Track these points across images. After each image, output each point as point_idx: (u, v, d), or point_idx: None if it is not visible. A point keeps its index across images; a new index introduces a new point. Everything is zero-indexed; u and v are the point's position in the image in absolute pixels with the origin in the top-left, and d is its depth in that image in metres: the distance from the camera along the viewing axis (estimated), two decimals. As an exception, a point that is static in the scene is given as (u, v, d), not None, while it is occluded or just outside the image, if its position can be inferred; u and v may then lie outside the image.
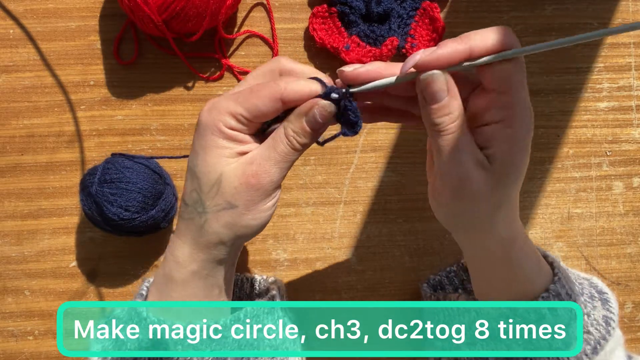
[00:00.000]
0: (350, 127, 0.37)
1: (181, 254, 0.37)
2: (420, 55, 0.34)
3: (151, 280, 0.43)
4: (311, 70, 0.37)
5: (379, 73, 0.36)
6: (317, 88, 0.36)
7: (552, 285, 0.39)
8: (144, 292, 0.42)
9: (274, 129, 0.37)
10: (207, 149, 0.36)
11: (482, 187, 0.35)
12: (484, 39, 0.34)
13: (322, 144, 0.38)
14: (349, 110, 0.36)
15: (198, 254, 0.37)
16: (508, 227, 0.38)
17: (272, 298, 0.46)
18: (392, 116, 0.40)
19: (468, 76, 0.37)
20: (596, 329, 0.40)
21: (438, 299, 0.48)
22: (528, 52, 0.33)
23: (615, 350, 0.41)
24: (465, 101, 0.36)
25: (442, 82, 0.34)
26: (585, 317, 0.40)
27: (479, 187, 0.35)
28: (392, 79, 0.36)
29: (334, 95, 0.36)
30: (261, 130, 0.38)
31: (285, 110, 0.36)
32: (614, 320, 0.41)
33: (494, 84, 0.35)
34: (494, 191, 0.35)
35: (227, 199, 0.36)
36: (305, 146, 0.37)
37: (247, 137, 0.36)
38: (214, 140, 0.36)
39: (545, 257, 0.42)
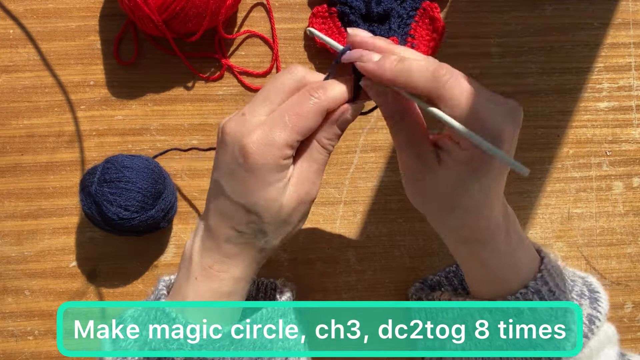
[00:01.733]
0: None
1: (237, 272, 0.38)
2: (358, 55, 0.36)
3: (165, 279, 0.43)
4: (340, 85, 0.38)
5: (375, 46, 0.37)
6: (346, 89, 0.37)
7: (532, 282, 0.39)
8: (165, 292, 0.41)
9: None
10: (268, 186, 0.36)
11: (427, 186, 0.37)
12: (409, 72, 0.34)
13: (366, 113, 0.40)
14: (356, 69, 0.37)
15: (252, 269, 0.39)
16: (467, 227, 0.38)
17: (289, 299, 0.46)
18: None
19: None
20: None
21: (420, 299, 0.49)
22: (506, 163, 0.33)
23: (604, 348, 0.41)
24: None
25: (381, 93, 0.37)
26: None
27: (424, 186, 0.38)
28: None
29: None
30: None
31: None
32: (599, 320, 0.41)
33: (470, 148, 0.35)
34: (444, 190, 0.37)
35: (286, 220, 0.37)
36: (334, 147, 0.39)
37: (291, 159, 0.37)
38: (275, 176, 0.36)
39: (539, 251, 0.41)
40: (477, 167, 0.35)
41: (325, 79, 0.38)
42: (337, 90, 0.37)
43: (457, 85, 0.33)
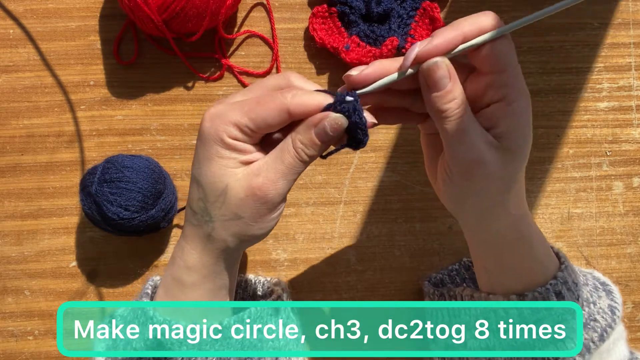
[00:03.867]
0: (357, 144, 0.36)
1: (191, 258, 0.38)
2: (418, 48, 0.35)
3: (155, 279, 0.44)
4: (321, 96, 0.37)
5: (385, 70, 0.36)
6: (324, 100, 0.36)
7: (560, 273, 0.39)
8: (149, 292, 0.42)
9: (278, 137, 0.37)
10: (211, 159, 0.36)
11: (495, 166, 0.36)
12: (474, 22, 0.35)
13: (324, 157, 0.38)
14: (358, 127, 0.36)
15: (207, 259, 0.38)
16: (519, 205, 0.38)
17: (279, 299, 0.46)
18: (391, 117, 0.40)
19: (462, 63, 0.37)
20: (602, 317, 0.40)
21: (442, 295, 0.48)
22: (521, 25, 0.34)
23: (618, 341, 0.41)
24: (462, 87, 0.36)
25: (445, 69, 0.35)
26: (592, 305, 0.40)
27: (492, 167, 0.36)
28: (395, 75, 0.36)
29: (345, 103, 0.35)
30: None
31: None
32: (618, 310, 0.41)
33: (489, 65, 0.35)
34: (506, 169, 0.36)
35: (233, 210, 0.36)
36: (312, 158, 0.36)
37: (250, 147, 0.36)
38: (218, 151, 0.35)
39: (551, 247, 0.42)
40: (528, 121, 0.37)
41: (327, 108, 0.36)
42: (309, 96, 0.35)
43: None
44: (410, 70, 0.36)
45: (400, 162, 0.55)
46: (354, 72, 0.36)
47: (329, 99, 0.36)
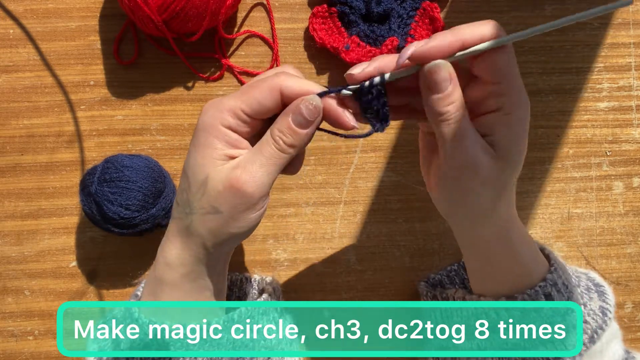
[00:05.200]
0: (380, 120, 0.36)
1: (170, 255, 0.37)
2: (414, 47, 0.35)
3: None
4: (315, 85, 0.37)
5: (387, 67, 0.36)
6: (317, 87, 0.36)
7: (549, 275, 0.39)
8: (138, 293, 0.42)
9: None
10: (199, 147, 0.35)
11: (488, 173, 0.36)
12: (474, 30, 0.34)
13: (347, 137, 0.38)
14: (379, 102, 0.36)
15: (186, 257, 0.37)
16: (509, 212, 0.39)
17: (267, 299, 0.46)
18: (392, 113, 0.40)
19: (463, 69, 0.37)
20: (593, 318, 0.40)
21: (435, 296, 0.48)
22: (522, 38, 0.34)
23: (611, 342, 0.41)
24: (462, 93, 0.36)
25: (446, 72, 0.34)
26: (582, 307, 0.40)
27: (486, 172, 0.36)
28: (398, 72, 0.36)
29: (345, 92, 0.36)
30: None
31: None
32: (610, 311, 0.41)
33: (489, 75, 0.35)
34: (499, 176, 0.36)
35: (212, 202, 0.35)
36: (292, 147, 0.36)
37: (244, 142, 0.36)
38: (208, 140, 0.35)
39: (542, 249, 0.42)
40: (524, 130, 0.36)
41: (323, 93, 0.36)
42: (300, 81, 0.35)
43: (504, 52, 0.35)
44: (412, 70, 0.36)
45: (400, 162, 0.55)
46: (356, 70, 0.36)
47: (311, 83, 0.36)
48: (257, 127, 0.37)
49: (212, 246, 0.36)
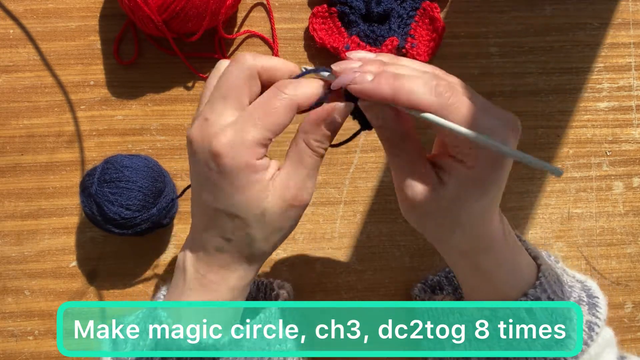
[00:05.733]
0: (369, 124, 0.37)
1: (234, 280, 0.37)
2: (350, 78, 0.34)
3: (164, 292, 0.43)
4: (282, 62, 0.37)
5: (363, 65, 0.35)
6: (320, 85, 0.36)
7: (532, 290, 0.38)
8: (162, 299, 0.42)
9: None
10: (244, 189, 0.34)
11: (428, 207, 0.36)
12: (410, 92, 0.33)
13: (337, 145, 0.39)
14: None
15: (248, 277, 0.38)
16: (468, 242, 0.37)
17: (285, 300, 0.46)
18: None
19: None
20: None
21: (423, 300, 0.49)
22: (512, 157, 0.33)
23: (602, 353, 0.40)
24: None
25: (377, 113, 0.35)
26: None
27: (425, 207, 0.36)
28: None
29: (323, 73, 0.36)
30: None
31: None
32: (598, 326, 0.40)
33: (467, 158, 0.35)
34: (445, 212, 0.36)
35: (275, 226, 0.36)
36: (326, 150, 0.37)
37: (268, 159, 0.36)
38: (248, 178, 0.34)
39: (536, 259, 0.41)
40: (484, 184, 0.34)
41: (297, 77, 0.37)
42: (308, 85, 0.35)
43: (459, 102, 0.33)
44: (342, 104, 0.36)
45: (400, 162, 0.55)
46: (343, 65, 0.36)
47: (320, 82, 0.36)
48: None
49: (269, 252, 0.38)
